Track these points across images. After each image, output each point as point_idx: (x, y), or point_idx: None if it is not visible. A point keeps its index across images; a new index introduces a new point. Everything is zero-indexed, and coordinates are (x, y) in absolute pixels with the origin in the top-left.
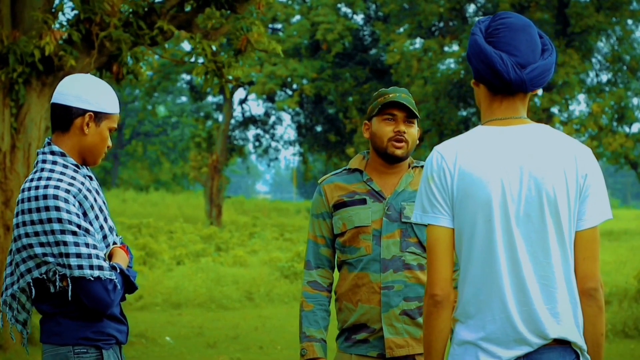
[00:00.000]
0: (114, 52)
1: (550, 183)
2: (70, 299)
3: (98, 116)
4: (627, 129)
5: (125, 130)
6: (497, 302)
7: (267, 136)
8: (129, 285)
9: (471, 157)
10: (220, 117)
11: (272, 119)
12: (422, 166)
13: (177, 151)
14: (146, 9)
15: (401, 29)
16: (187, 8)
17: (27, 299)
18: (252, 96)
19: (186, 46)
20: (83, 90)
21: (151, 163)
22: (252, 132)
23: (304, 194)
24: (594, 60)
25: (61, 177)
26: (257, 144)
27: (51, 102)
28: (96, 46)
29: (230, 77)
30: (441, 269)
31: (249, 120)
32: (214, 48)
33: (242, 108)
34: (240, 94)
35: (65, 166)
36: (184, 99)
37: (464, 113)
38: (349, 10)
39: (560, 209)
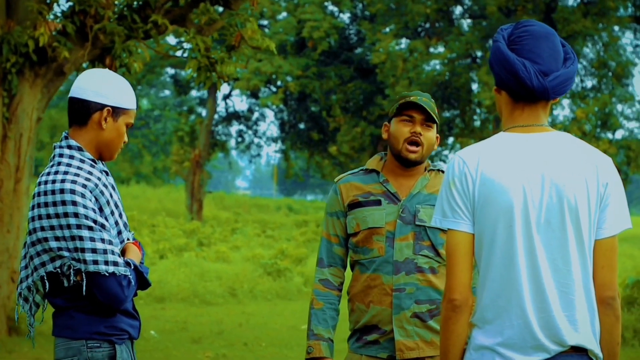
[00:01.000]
0: (108, 44)
1: (572, 191)
2: (84, 293)
3: (116, 111)
4: (610, 136)
5: None
6: (515, 308)
7: (250, 132)
8: (142, 281)
9: (493, 163)
10: (204, 112)
11: (256, 115)
12: (438, 169)
13: (159, 145)
14: (141, 3)
15: (387, 29)
16: (182, 3)
17: (37, 292)
18: (236, 92)
19: (171, 40)
20: (101, 85)
21: (132, 156)
22: (235, 127)
23: (284, 190)
24: (579, 65)
25: (78, 171)
26: (239, 139)
27: (69, 96)
28: (90, 38)
29: (224, 74)
30: (460, 274)
31: (232, 116)
32: (208, 43)
33: (226, 103)
34: (224, 89)
35: (82, 161)
36: (167, 92)
37: (448, 115)
38: (335, 9)
39: (581, 216)
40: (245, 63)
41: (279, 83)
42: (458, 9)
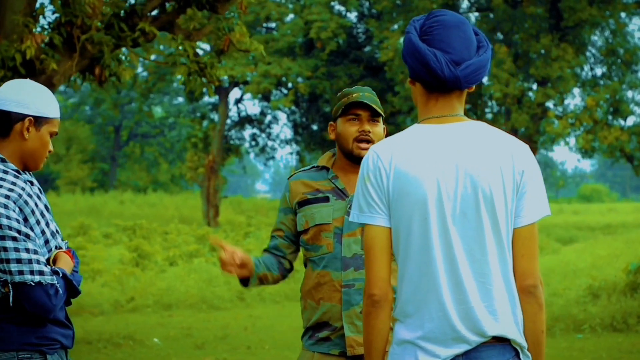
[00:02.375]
0: (96, 54)
1: (486, 180)
2: (11, 304)
3: (38, 121)
4: (622, 122)
5: (122, 131)
6: (434, 301)
7: (264, 135)
8: (72, 290)
9: (407, 156)
10: (217, 117)
11: (268, 118)
12: None
13: (175, 152)
14: (128, 11)
15: (395, 26)
16: (169, 9)
17: None
18: (248, 96)
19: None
20: (22, 94)
21: (149, 164)
22: (248, 131)
23: None
24: (588, 54)
25: (1, 182)
26: (253, 143)
27: None
28: (78, 49)
29: (213, 77)
30: (379, 268)
31: (245, 120)
32: (199, 50)
33: (238, 108)
34: (235, 93)
35: (5, 172)
36: (180, 99)
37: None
38: (342, 8)
39: (497, 206)
40: (253, 66)
41: (289, 85)
42: (464, 3)
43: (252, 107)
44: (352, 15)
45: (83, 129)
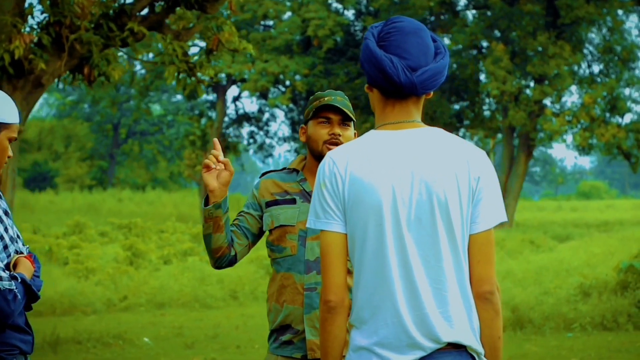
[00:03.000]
0: (85, 54)
1: (441, 186)
2: None
3: None
4: (619, 120)
5: (121, 129)
6: (389, 307)
7: (262, 133)
8: (32, 295)
9: (362, 162)
10: (215, 115)
11: (266, 115)
12: None
13: (173, 149)
14: (116, 11)
15: None
16: (158, 9)
17: None
18: (245, 93)
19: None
20: None
21: (148, 162)
22: (246, 129)
23: None
24: (585, 51)
25: None
26: (251, 141)
27: None
28: (66, 49)
29: (203, 77)
30: (334, 274)
31: (243, 118)
32: (194, 48)
33: (236, 105)
34: (233, 91)
35: None
36: (179, 97)
37: (457, 107)
38: (339, 6)
39: (452, 212)
40: (251, 64)
41: (287, 83)
42: (462, 1)
43: (249, 104)
44: (350, 13)
45: (81, 126)
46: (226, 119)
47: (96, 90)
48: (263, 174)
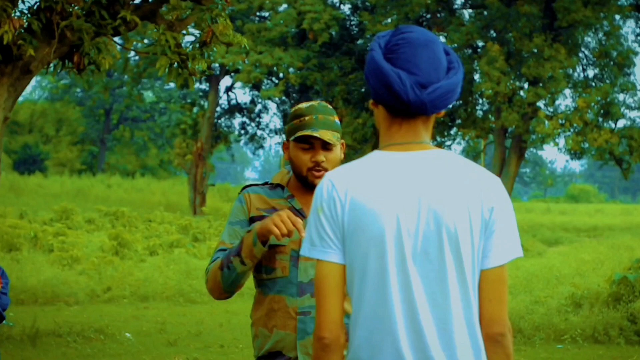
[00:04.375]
0: (76, 42)
1: (451, 217)
2: None
3: None
4: (612, 125)
5: (112, 115)
6: (390, 348)
7: (253, 124)
8: None
9: (364, 186)
10: (207, 105)
11: (258, 107)
12: None
13: (164, 137)
14: None
15: (388, 20)
16: None
17: None
18: (238, 84)
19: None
20: None
21: (138, 148)
22: (237, 120)
23: None
24: (580, 55)
25: None
26: (242, 131)
27: None
28: (57, 36)
29: (195, 69)
30: (330, 309)
31: (235, 108)
32: (188, 37)
33: (228, 96)
34: (226, 81)
35: None
36: (172, 85)
37: (450, 106)
38: (336, 0)
39: (462, 245)
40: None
41: (280, 75)
42: None
43: (242, 95)
44: (346, 8)
45: (73, 110)
46: (218, 109)
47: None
48: (245, 187)
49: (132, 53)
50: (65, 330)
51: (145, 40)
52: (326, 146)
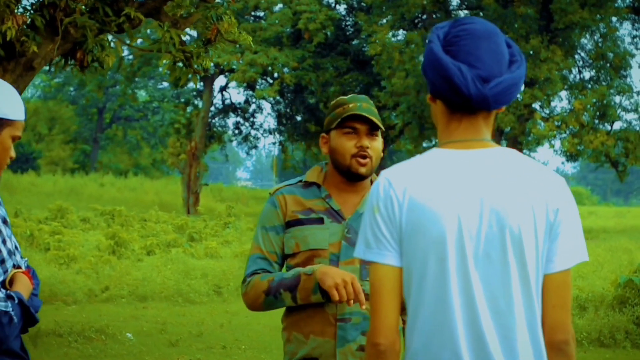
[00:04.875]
0: (79, 39)
1: (515, 218)
2: None
3: None
4: (608, 127)
5: (105, 114)
6: (450, 355)
7: (247, 124)
8: (29, 318)
9: (424, 186)
10: (201, 104)
11: (253, 107)
12: None
13: (157, 136)
14: None
15: (384, 20)
16: None
17: None
18: (233, 84)
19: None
20: None
21: (131, 147)
22: (232, 119)
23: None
24: (577, 57)
25: None
26: (236, 131)
27: None
28: (60, 32)
29: (199, 67)
30: (386, 314)
31: (229, 108)
32: (187, 37)
33: (223, 95)
34: (220, 81)
35: None
36: (165, 84)
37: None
38: (331, 0)
39: (526, 248)
40: (239, 55)
41: (275, 75)
42: (455, 0)
43: (236, 95)
44: (342, 8)
45: (66, 109)
46: (212, 108)
47: (88, 76)
48: (277, 189)
49: (126, 52)
50: (66, 330)
51: (139, 41)
52: (371, 133)
